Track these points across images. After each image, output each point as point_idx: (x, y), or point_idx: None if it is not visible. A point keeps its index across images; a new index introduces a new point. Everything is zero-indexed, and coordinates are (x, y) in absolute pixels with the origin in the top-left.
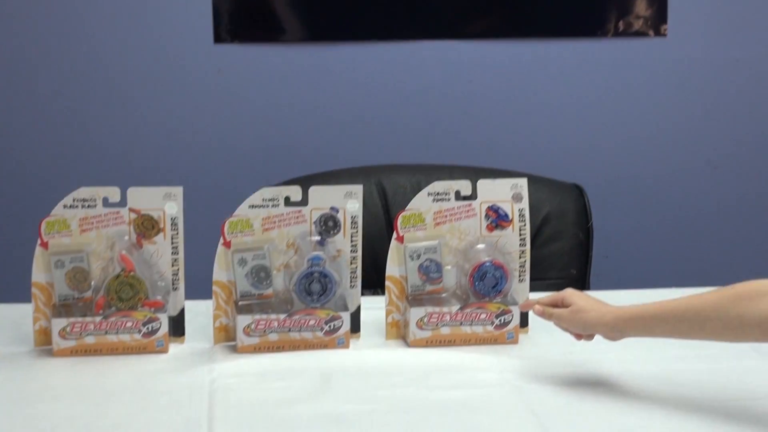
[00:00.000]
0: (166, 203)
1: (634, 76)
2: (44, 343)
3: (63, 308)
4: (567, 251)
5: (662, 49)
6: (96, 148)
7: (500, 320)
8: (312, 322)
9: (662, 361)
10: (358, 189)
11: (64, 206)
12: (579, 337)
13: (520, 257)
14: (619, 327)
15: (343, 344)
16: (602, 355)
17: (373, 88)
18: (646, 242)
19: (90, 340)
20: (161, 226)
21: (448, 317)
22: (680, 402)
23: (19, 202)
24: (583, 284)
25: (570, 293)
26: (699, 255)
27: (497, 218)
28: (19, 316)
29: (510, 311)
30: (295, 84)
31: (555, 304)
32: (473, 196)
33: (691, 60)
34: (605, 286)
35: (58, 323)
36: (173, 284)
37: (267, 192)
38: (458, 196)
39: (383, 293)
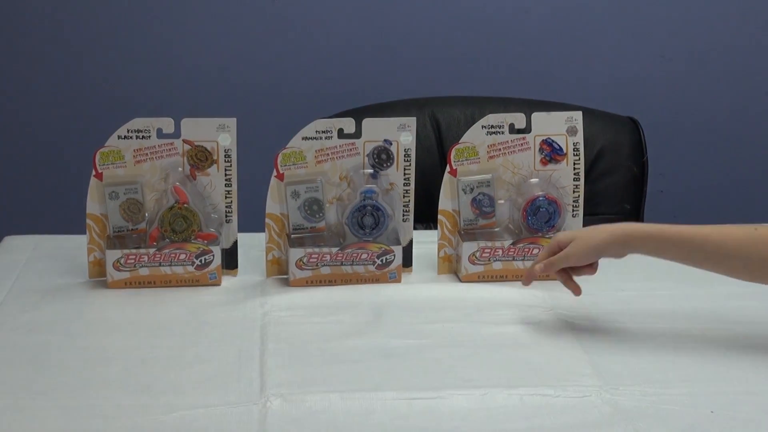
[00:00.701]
0: (220, 135)
1: (691, 5)
2: (98, 275)
3: (117, 240)
4: (621, 186)
5: None
6: (150, 79)
7: None
8: (364, 256)
9: (715, 299)
10: (411, 121)
11: (119, 137)
12: (588, 270)
13: (573, 192)
14: (631, 243)
15: (394, 278)
16: (654, 292)
17: (427, 18)
18: (702, 177)
19: (144, 272)
20: (215, 157)
21: (500, 252)
22: (733, 340)
23: (73, 133)
24: (637, 219)
25: (561, 234)
26: (756, 191)
27: (551, 152)
28: (74, 247)
29: None
30: (348, 13)
31: (552, 254)
32: (527, 129)
33: None
34: (660, 221)
35: (113, 255)
36: (226, 216)
37: (320, 124)
38: (512, 129)
39: (436, 227)
